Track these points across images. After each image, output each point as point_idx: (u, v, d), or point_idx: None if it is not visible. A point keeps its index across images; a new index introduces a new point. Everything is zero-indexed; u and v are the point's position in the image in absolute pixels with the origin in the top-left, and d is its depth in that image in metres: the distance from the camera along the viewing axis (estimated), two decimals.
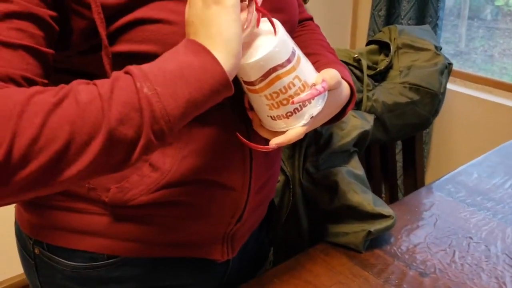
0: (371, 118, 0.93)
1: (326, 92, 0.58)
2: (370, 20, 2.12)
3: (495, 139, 1.89)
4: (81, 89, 0.44)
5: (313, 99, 0.55)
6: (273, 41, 0.51)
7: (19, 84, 0.45)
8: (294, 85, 0.52)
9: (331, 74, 0.58)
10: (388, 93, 1.04)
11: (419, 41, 1.10)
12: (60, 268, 0.64)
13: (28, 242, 0.65)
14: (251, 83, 0.51)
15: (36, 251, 0.65)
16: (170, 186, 0.59)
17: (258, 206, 0.70)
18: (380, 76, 1.08)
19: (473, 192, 0.98)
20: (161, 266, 0.66)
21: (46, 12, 0.47)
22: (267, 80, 0.51)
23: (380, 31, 1.15)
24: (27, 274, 0.69)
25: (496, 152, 1.15)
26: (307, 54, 0.73)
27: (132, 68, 0.46)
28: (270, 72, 0.50)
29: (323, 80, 0.55)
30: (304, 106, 0.54)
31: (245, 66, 0.51)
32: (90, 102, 0.43)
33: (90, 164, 0.43)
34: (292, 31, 0.67)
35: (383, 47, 1.12)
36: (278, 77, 0.51)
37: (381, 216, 0.81)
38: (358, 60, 1.04)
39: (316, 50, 0.74)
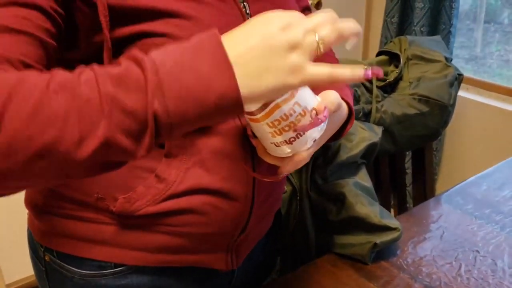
0: (379, 130, 0.94)
1: None
2: (383, 27, 2.12)
3: (508, 148, 1.88)
4: (83, 80, 0.41)
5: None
6: None
7: (16, 68, 0.44)
8: (294, 112, 0.52)
9: (331, 99, 0.58)
10: (397, 104, 1.04)
11: (430, 52, 1.10)
12: (69, 275, 0.66)
13: (39, 249, 0.68)
14: (252, 113, 0.52)
15: (46, 258, 0.67)
16: (175, 197, 0.61)
17: (262, 217, 0.71)
18: (389, 87, 1.08)
19: (482, 204, 0.99)
20: (167, 274, 0.67)
21: (52, 6, 0.48)
22: (267, 110, 0.51)
23: (392, 40, 1.16)
24: (38, 280, 0.71)
25: (506, 163, 1.15)
26: None
27: (147, 63, 0.41)
28: (269, 102, 0.50)
29: (325, 108, 0.56)
30: (306, 130, 0.55)
31: None
32: (89, 100, 0.40)
33: (83, 162, 0.41)
34: None
35: (393, 58, 1.13)
36: (278, 106, 0.51)
37: (387, 229, 0.82)
38: None
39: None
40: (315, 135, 0.56)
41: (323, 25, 0.45)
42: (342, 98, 0.65)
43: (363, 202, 0.84)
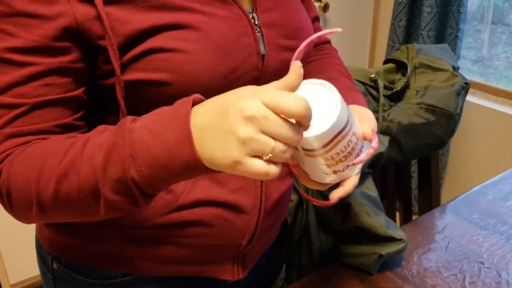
0: (386, 140, 0.95)
1: None
2: (390, 30, 2.12)
3: None
4: (84, 158, 0.48)
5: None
6: (335, 111, 0.48)
7: (52, 133, 0.52)
8: (351, 142, 0.52)
9: (369, 119, 0.60)
10: (404, 113, 1.05)
11: (437, 61, 1.10)
12: (76, 283, 0.67)
13: (47, 257, 0.69)
14: (312, 150, 0.51)
15: (54, 266, 0.68)
16: (183, 208, 0.61)
17: (269, 228, 0.72)
18: (396, 96, 1.09)
19: (487, 214, 0.99)
20: (174, 284, 0.68)
21: (70, 59, 0.51)
22: (329, 146, 0.50)
23: (399, 48, 1.16)
24: (45, 287, 0.72)
25: None
26: (325, 79, 0.75)
27: (127, 137, 0.46)
28: (333, 139, 0.50)
29: (373, 133, 0.57)
30: (364, 160, 0.55)
31: (309, 139, 0.49)
32: (88, 177, 0.48)
33: (107, 212, 0.50)
34: (306, 56, 0.68)
35: (401, 66, 1.13)
36: (339, 141, 0.50)
37: (392, 239, 0.82)
38: (374, 80, 1.05)
39: (333, 75, 0.76)
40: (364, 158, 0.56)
41: (283, 139, 0.42)
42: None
43: (368, 212, 0.85)
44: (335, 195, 0.58)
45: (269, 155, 0.42)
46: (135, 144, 0.46)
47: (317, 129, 0.48)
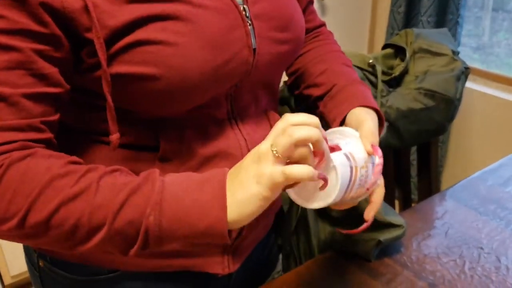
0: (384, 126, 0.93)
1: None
2: (389, 16, 2.09)
3: None
4: (101, 187, 0.48)
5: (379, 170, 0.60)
6: (338, 179, 0.52)
7: (41, 130, 0.51)
8: (362, 175, 0.56)
9: (372, 135, 0.60)
10: (403, 99, 1.03)
11: (436, 45, 1.09)
12: (63, 281, 0.66)
13: (33, 255, 0.68)
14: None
15: (40, 263, 0.67)
16: None
17: (260, 219, 0.70)
18: (395, 81, 1.07)
19: (487, 200, 0.98)
20: (162, 279, 0.67)
21: (56, 48, 0.50)
22: (344, 196, 0.55)
23: (398, 32, 1.14)
24: (33, 285, 0.71)
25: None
26: (324, 71, 0.74)
27: (157, 183, 0.48)
28: (346, 192, 0.54)
29: (375, 148, 0.59)
30: (374, 184, 0.60)
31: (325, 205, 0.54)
32: (100, 207, 0.47)
33: (86, 250, 0.49)
34: (298, 48, 0.67)
35: (399, 51, 1.11)
36: (352, 187, 0.55)
37: (391, 226, 0.81)
38: (373, 66, 1.03)
39: (334, 65, 0.74)
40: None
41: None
42: (369, 106, 0.67)
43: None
44: (370, 214, 0.61)
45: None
46: (164, 193, 0.47)
47: (327, 197, 0.53)
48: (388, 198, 1.18)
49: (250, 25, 0.57)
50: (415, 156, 1.83)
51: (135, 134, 0.58)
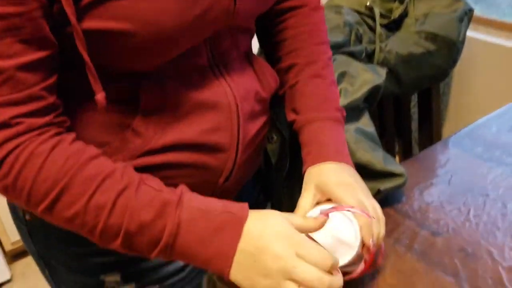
0: (383, 71, 0.88)
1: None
2: None
3: None
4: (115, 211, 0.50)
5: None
6: (354, 244, 0.59)
7: (41, 97, 0.49)
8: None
9: (368, 229, 0.60)
10: (403, 43, 0.97)
11: None
12: (52, 231, 0.63)
13: (18, 209, 0.65)
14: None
15: (27, 217, 0.64)
16: (155, 152, 0.57)
17: (247, 160, 0.67)
18: (394, 25, 1.01)
19: (492, 146, 0.94)
20: None
21: (37, 9, 0.46)
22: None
23: None
24: (23, 241, 0.69)
25: None
26: (308, 63, 0.71)
27: (170, 225, 0.50)
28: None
29: (372, 245, 0.60)
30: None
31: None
32: (112, 226, 0.50)
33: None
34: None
35: None
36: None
37: (391, 175, 0.78)
38: (370, 8, 0.97)
39: (318, 71, 0.71)
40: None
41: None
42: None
43: (365, 148, 0.80)
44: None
45: None
46: (177, 238, 0.51)
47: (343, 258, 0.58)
48: (389, 151, 1.15)
49: None
50: (416, 110, 1.79)
51: (116, 89, 0.55)
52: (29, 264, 1.81)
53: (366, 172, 0.78)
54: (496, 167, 0.88)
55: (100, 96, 0.51)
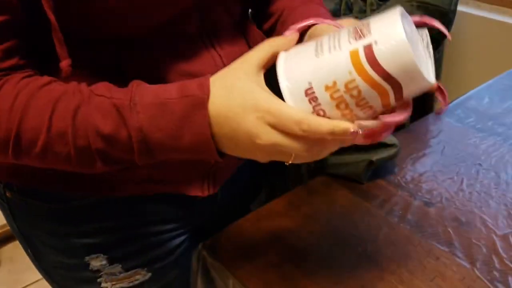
0: None
1: None
2: None
3: (510, 62, 1.81)
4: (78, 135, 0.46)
5: None
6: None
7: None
8: None
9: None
10: None
11: None
12: (34, 210, 0.61)
13: (0, 186, 0.62)
14: None
15: (8, 194, 0.61)
16: None
17: None
18: None
19: (484, 116, 0.92)
20: (142, 202, 0.63)
21: None
22: None
23: None
24: (6, 219, 0.66)
25: (509, 74, 1.08)
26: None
27: (132, 131, 0.46)
28: None
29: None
30: None
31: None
32: (84, 149, 0.47)
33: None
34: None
35: None
36: None
37: (383, 145, 0.76)
38: None
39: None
40: None
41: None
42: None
43: None
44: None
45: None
46: (147, 141, 0.46)
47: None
48: None
49: None
50: None
51: (96, 58, 0.52)
52: (16, 247, 1.79)
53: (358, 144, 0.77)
54: (488, 137, 0.87)
55: (65, 63, 0.47)
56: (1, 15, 0.45)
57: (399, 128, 1.21)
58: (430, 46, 0.44)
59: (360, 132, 0.43)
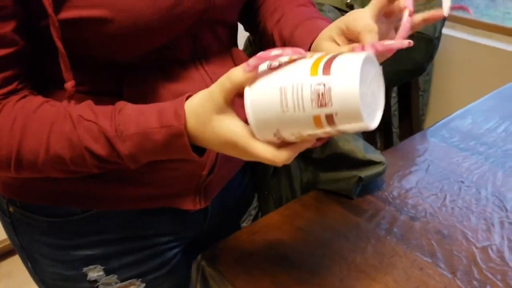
0: None
1: None
2: None
3: (495, 84, 1.87)
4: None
5: None
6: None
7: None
8: None
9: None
10: None
11: None
12: (36, 224, 0.64)
13: (2, 201, 0.65)
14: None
15: (10, 209, 0.65)
16: None
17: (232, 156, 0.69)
18: None
19: (467, 137, 0.98)
20: (139, 216, 0.66)
21: (4, 6, 0.47)
22: None
23: None
24: (6, 233, 0.69)
25: (492, 96, 1.14)
26: (278, 20, 0.68)
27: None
28: None
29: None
30: None
31: None
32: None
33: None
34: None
35: None
36: None
37: (372, 163, 0.81)
38: (351, 6, 1.01)
39: (286, 11, 0.68)
40: None
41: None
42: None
43: (346, 138, 0.83)
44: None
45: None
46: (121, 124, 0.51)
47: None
48: (369, 142, 1.18)
49: None
50: (396, 107, 1.83)
51: (96, 80, 0.56)
52: (14, 262, 1.81)
53: (348, 160, 0.82)
54: (471, 156, 0.92)
55: (69, 84, 0.52)
56: (5, 48, 0.49)
57: (387, 146, 1.27)
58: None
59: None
